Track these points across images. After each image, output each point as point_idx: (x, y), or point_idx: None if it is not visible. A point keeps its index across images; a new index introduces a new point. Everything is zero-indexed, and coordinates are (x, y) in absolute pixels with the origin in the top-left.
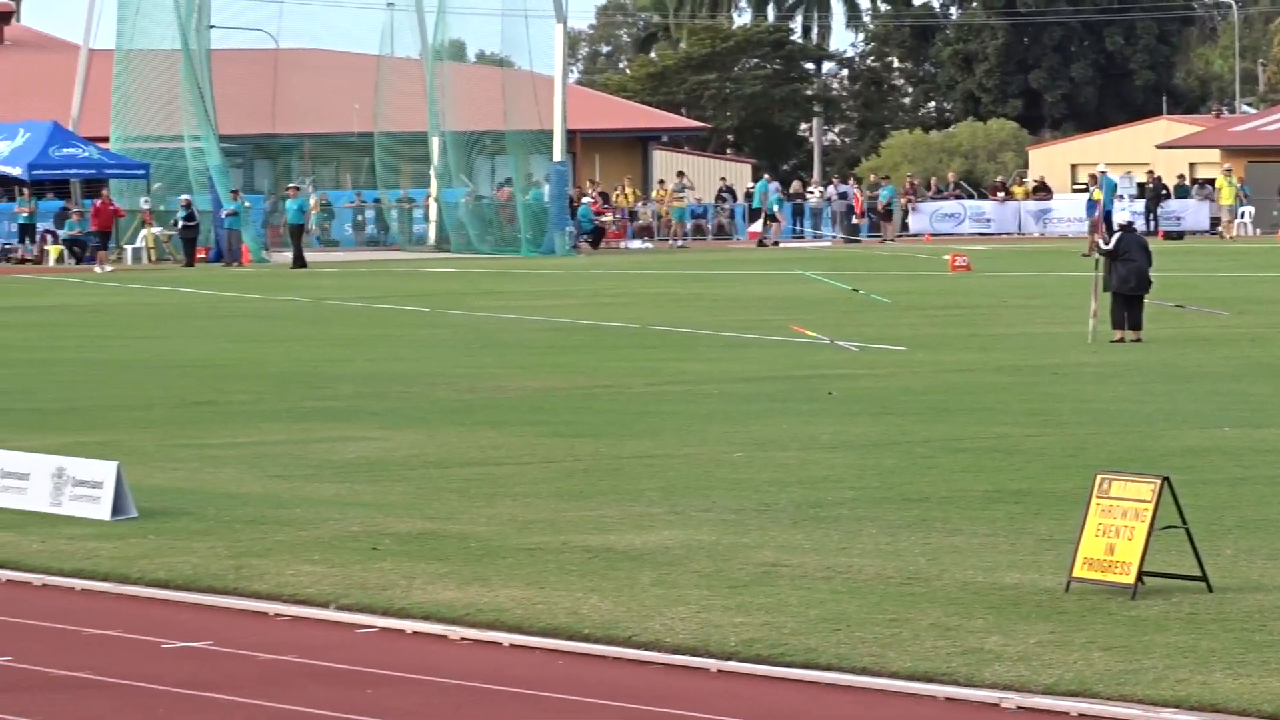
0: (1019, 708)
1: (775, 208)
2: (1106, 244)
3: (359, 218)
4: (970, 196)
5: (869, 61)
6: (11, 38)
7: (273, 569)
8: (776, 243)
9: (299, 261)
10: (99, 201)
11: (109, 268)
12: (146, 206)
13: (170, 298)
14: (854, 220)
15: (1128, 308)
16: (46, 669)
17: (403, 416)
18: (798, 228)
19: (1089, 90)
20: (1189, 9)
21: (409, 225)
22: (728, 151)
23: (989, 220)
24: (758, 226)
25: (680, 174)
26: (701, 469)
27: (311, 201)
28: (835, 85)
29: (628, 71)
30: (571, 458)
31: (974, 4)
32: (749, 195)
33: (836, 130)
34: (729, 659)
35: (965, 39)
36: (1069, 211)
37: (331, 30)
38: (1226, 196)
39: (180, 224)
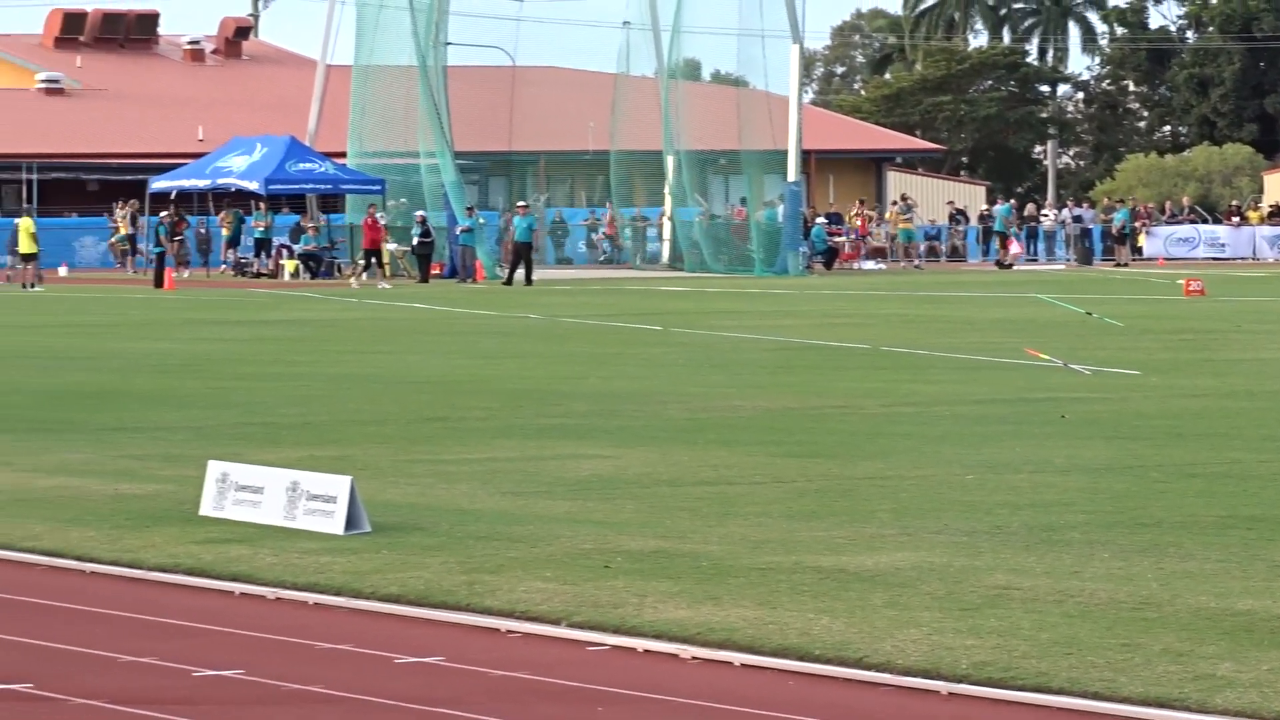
0: None
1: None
2: None
3: (593, 236)
4: (1205, 221)
5: (1104, 85)
6: (250, 52)
7: (505, 585)
8: (1010, 265)
9: (527, 278)
10: (368, 218)
11: (386, 284)
12: (383, 222)
13: (405, 313)
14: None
15: None
16: (279, 682)
17: (635, 434)
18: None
19: None
20: None
21: (643, 243)
22: (961, 174)
23: (1223, 245)
24: (1016, 248)
25: (904, 197)
26: (933, 491)
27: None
28: (1070, 108)
29: (863, 92)
30: (804, 478)
31: (1210, 29)
32: (983, 217)
33: (1071, 153)
34: (960, 681)
35: (1201, 63)
36: None
37: (567, 48)
38: None
39: (416, 240)
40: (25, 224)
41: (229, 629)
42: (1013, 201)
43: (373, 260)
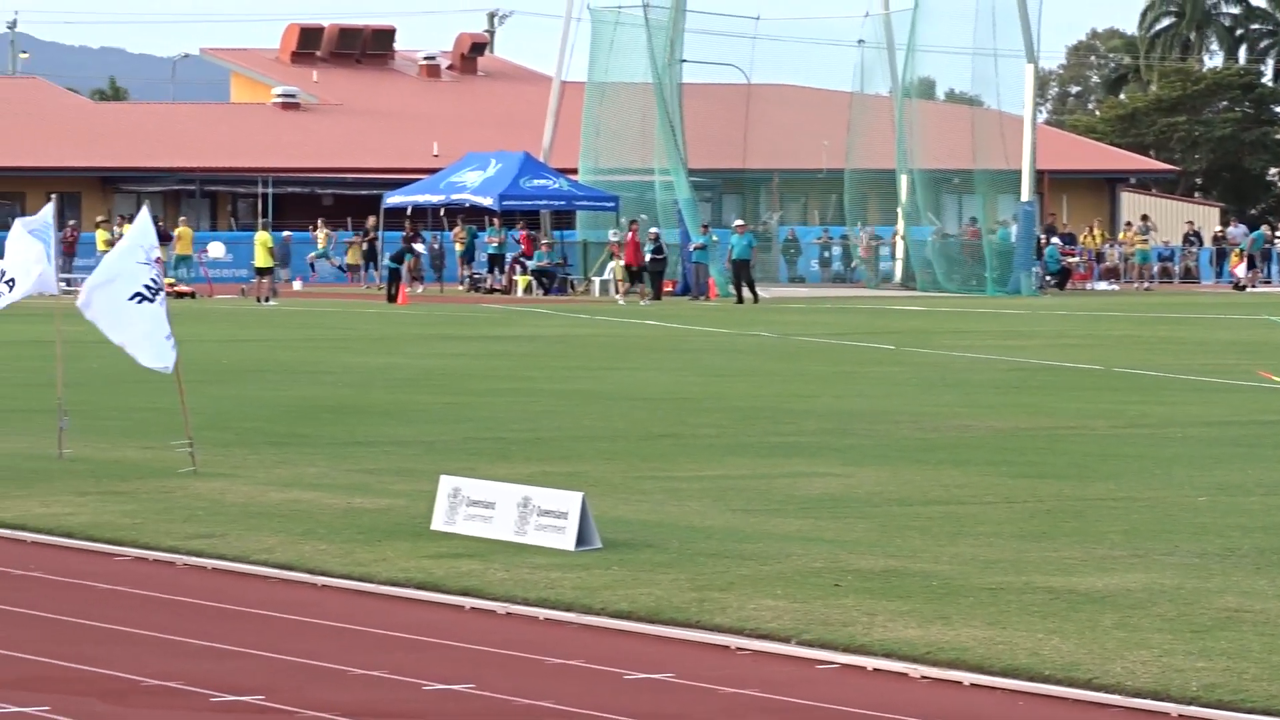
0: None
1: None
2: None
3: (825, 254)
4: None
5: None
6: (485, 69)
7: (735, 603)
8: (1245, 287)
9: (751, 295)
10: (630, 235)
11: (645, 301)
12: (615, 239)
13: (636, 330)
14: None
15: None
16: (509, 697)
17: (866, 453)
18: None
19: None
20: None
21: (876, 262)
22: (1195, 195)
23: None
24: (1242, 270)
25: (1144, 217)
26: (1165, 513)
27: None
28: None
29: (1097, 113)
30: (1034, 498)
31: None
32: (1216, 238)
33: None
34: (1190, 704)
35: None
36: None
37: (802, 66)
38: None
39: (649, 257)
40: (262, 238)
41: (459, 643)
42: (1264, 228)
43: (633, 276)
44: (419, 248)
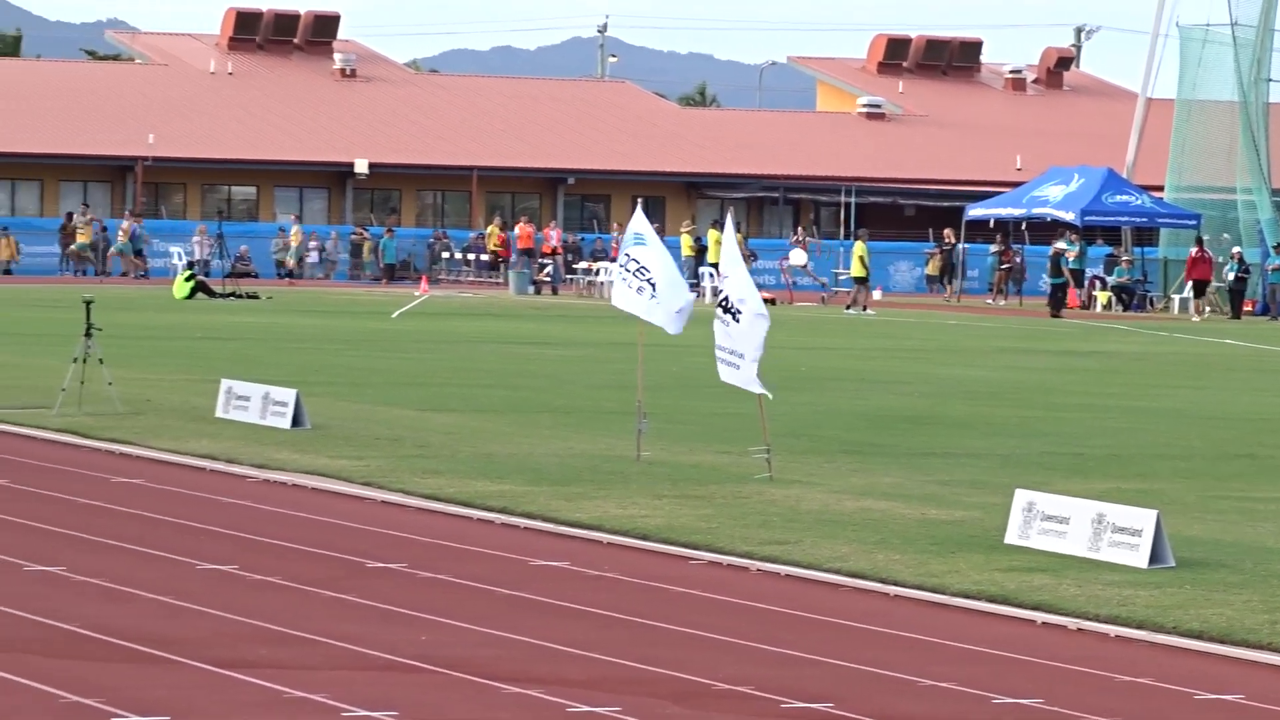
0: None
1: None
2: None
3: None
4: None
5: None
6: (1071, 83)
7: None
8: None
9: None
10: (1195, 250)
11: (1196, 318)
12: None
13: (1214, 349)
14: None
15: None
16: (1078, 713)
17: None
18: None
19: None
20: None
21: None
22: None
23: None
24: None
25: None
26: None
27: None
28: None
29: None
30: None
31: None
32: None
33: None
34: None
35: None
36: None
37: None
38: None
39: (1233, 276)
40: (858, 248)
41: (1030, 658)
42: None
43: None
44: (1067, 247)
